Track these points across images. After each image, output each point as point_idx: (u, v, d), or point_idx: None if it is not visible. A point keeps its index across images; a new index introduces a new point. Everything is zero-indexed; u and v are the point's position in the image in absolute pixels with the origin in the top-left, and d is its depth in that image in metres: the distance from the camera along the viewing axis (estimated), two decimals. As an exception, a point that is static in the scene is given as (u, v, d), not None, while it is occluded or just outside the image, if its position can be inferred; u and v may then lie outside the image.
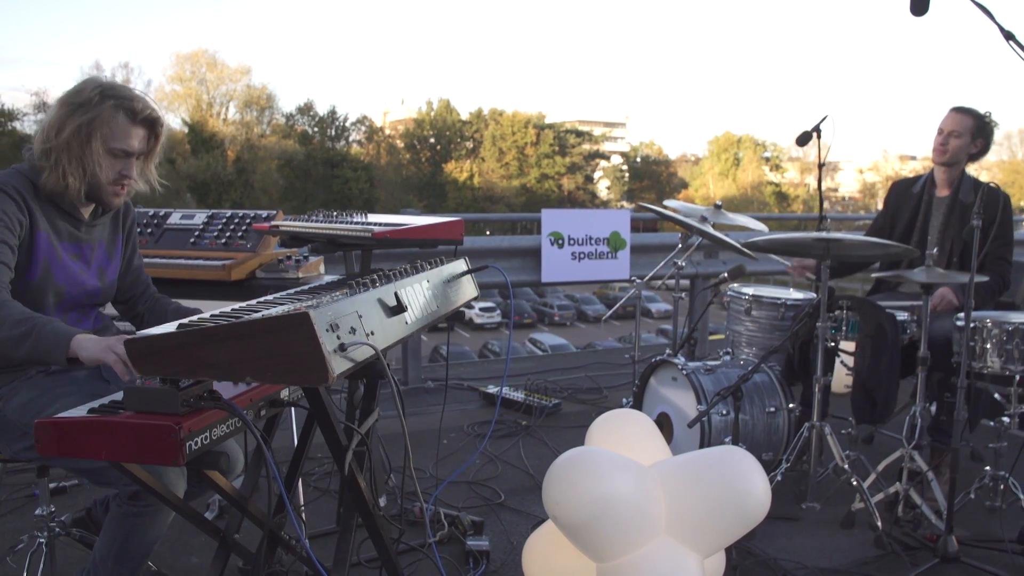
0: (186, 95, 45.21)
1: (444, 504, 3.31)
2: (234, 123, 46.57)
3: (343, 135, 51.69)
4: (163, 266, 3.02)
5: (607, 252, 5.40)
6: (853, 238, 2.97)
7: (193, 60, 45.51)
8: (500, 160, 51.93)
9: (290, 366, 1.43)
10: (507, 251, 5.38)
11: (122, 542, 2.13)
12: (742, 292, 3.77)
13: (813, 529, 3.11)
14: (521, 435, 4.27)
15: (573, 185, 53.07)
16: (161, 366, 1.51)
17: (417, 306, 1.94)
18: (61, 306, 2.20)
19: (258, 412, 1.85)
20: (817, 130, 3.40)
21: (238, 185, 43.06)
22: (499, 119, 53.11)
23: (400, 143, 54.83)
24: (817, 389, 3.10)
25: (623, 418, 2.64)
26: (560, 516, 2.21)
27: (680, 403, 3.43)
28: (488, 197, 49.92)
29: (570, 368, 5.90)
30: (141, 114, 2.14)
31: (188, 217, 3.31)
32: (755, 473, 2.23)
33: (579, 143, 54.96)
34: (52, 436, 1.60)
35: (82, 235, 2.24)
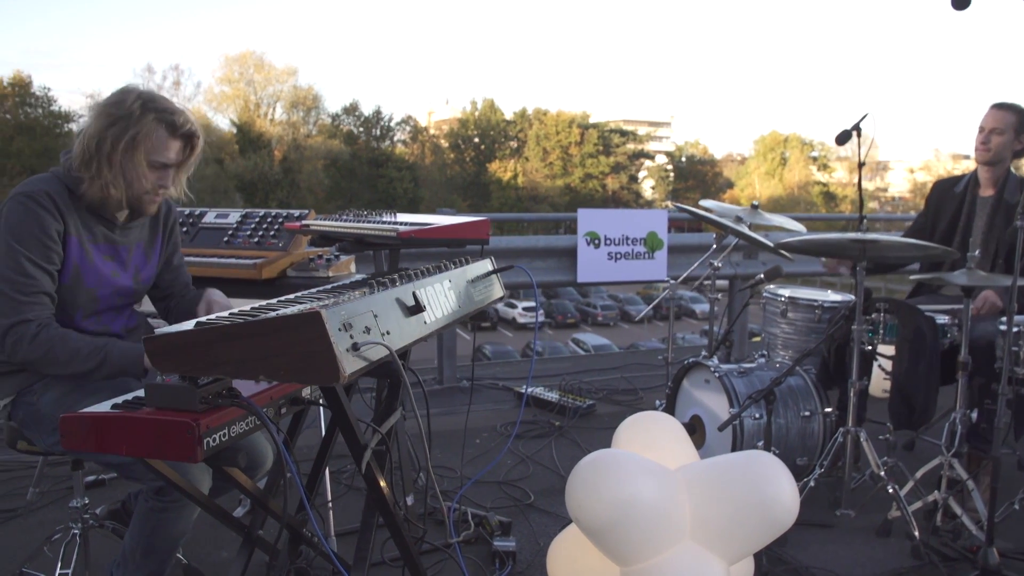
0: (234, 96, 45.98)
1: (473, 504, 3.30)
2: (281, 123, 47.22)
3: (388, 135, 52.08)
4: (197, 264, 3.06)
5: (644, 252, 5.34)
6: (889, 239, 2.89)
7: (241, 62, 46.28)
8: (544, 160, 51.88)
9: (302, 365, 1.44)
10: (543, 251, 5.36)
11: (149, 536, 2.16)
12: (778, 294, 3.70)
13: (847, 537, 3.04)
14: (554, 436, 4.25)
15: (617, 185, 52.79)
16: (178, 363, 1.53)
17: (437, 306, 1.94)
18: (92, 307, 2.24)
19: (278, 410, 1.86)
20: (857, 128, 3.32)
21: (284, 185, 43.63)
22: (543, 119, 53.05)
23: (444, 143, 55.08)
24: (852, 393, 3.03)
25: (650, 421, 2.61)
26: (582, 519, 2.19)
27: (713, 406, 3.38)
28: (532, 197, 49.90)
29: (607, 369, 5.86)
30: (181, 128, 2.17)
31: (223, 216, 3.36)
32: (782, 479, 2.19)
33: (623, 143, 54.63)
34: (76, 430, 1.64)
35: (117, 237, 2.28)
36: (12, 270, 2.02)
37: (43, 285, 2.05)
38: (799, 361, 3.11)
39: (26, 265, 2.02)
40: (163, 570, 2.24)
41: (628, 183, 54.22)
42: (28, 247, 2.03)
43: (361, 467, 1.82)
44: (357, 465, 1.88)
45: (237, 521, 2.15)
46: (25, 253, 2.03)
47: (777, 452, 3.16)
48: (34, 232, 2.05)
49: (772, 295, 3.74)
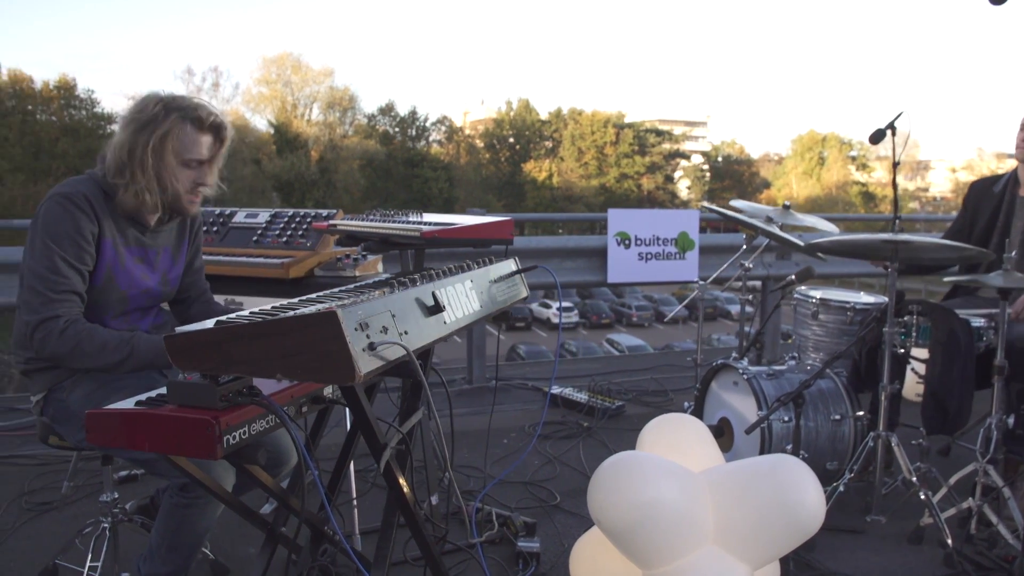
0: (272, 97, 46.53)
1: (499, 504, 3.30)
2: (317, 124, 47.69)
3: (423, 135, 52.35)
4: (226, 264, 3.10)
5: (675, 253, 5.30)
6: (923, 240, 2.83)
7: (279, 63, 46.82)
8: (579, 160, 51.76)
9: (318, 364, 1.44)
10: (573, 251, 5.34)
11: (174, 531, 2.20)
12: (809, 295, 3.65)
13: (877, 544, 2.98)
14: (582, 437, 4.23)
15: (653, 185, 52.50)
16: (197, 361, 1.55)
17: (458, 306, 1.94)
18: (122, 307, 2.28)
19: (299, 408, 1.87)
20: (892, 127, 3.27)
21: (321, 185, 44.04)
22: (578, 118, 52.95)
23: (480, 143, 55.21)
24: (883, 397, 2.97)
25: (675, 423, 2.58)
26: (604, 521, 2.18)
27: (741, 408, 3.34)
28: (567, 197, 49.82)
29: (638, 370, 5.82)
30: (207, 121, 2.20)
31: (252, 216, 3.39)
32: (808, 483, 2.15)
33: (659, 142, 54.32)
34: (102, 426, 1.66)
35: (147, 240, 2.32)
36: (46, 268, 2.06)
37: (74, 284, 2.09)
38: (829, 364, 3.06)
39: (59, 264, 2.06)
40: (188, 564, 2.27)
41: (664, 183, 53.90)
42: (63, 246, 2.07)
43: (380, 466, 1.82)
44: (377, 464, 1.88)
45: (260, 518, 2.16)
46: (60, 252, 2.07)
47: (806, 456, 3.11)
48: (69, 232, 2.09)
49: (803, 296, 3.68)
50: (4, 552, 2.93)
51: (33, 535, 3.05)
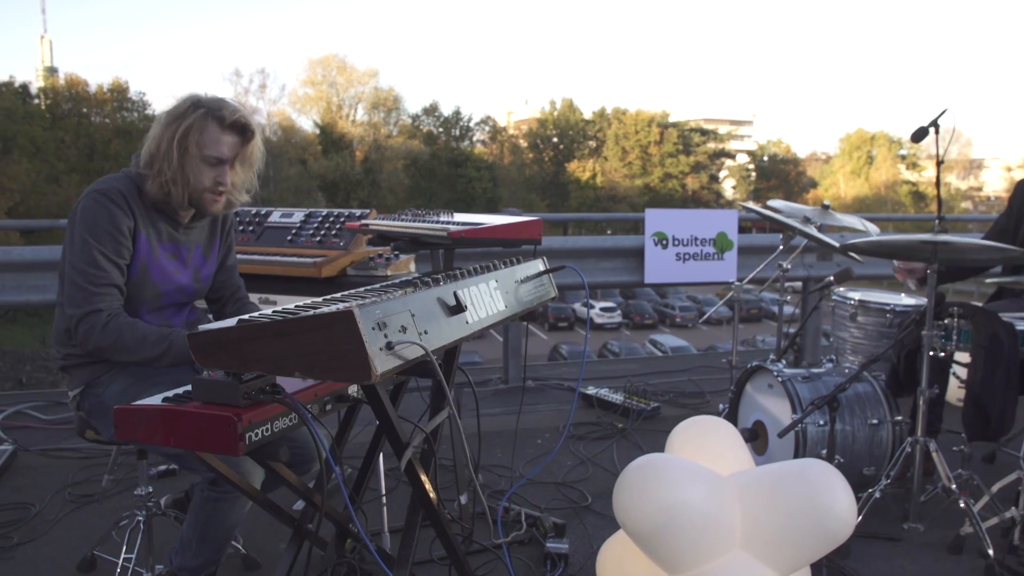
0: (317, 98, 47.14)
1: (529, 505, 3.30)
2: (362, 124, 48.18)
3: (467, 135, 52.57)
4: (261, 263, 3.15)
5: (713, 253, 5.24)
6: (964, 240, 2.75)
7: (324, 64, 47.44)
8: (623, 159, 51.51)
9: (335, 363, 1.45)
10: (610, 251, 5.31)
11: (204, 525, 2.24)
12: (847, 297, 3.58)
13: (915, 552, 2.91)
14: (616, 438, 4.20)
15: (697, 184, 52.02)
16: (220, 359, 1.57)
17: (481, 306, 1.94)
18: (156, 302, 2.33)
19: (323, 407, 1.89)
20: (935, 124, 3.20)
21: (365, 184, 44.48)
22: (622, 118, 52.68)
23: (523, 143, 55.24)
24: (921, 402, 2.90)
25: (705, 425, 2.55)
26: (629, 523, 2.16)
27: (775, 411, 3.29)
28: (611, 196, 49.62)
29: (676, 371, 5.77)
30: (229, 119, 2.23)
31: (287, 216, 3.44)
32: (838, 488, 2.11)
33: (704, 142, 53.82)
34: (129, 422, 1.69)
35: (180, 236, 2.36)
36: (86, 263, 2.12)
37: (113, 277, 2.14)
38: (865, 367, 2.99)
39: (99, 258, 2.12)
40: (217, 558, 2.31)
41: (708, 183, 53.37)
42: (101, 241, 2.13)
43: (401, 465, 1.83)
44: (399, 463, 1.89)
45: (287, 514, 2.19)
46: (98, 247, 2.12)
47: (842, 461, 3.05)
48: (107, 227, 2.14)
49: (841, 298, 3.62)
50: (48, 542, 3.01)
51: (75, 526, 3.13)
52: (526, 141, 55.11)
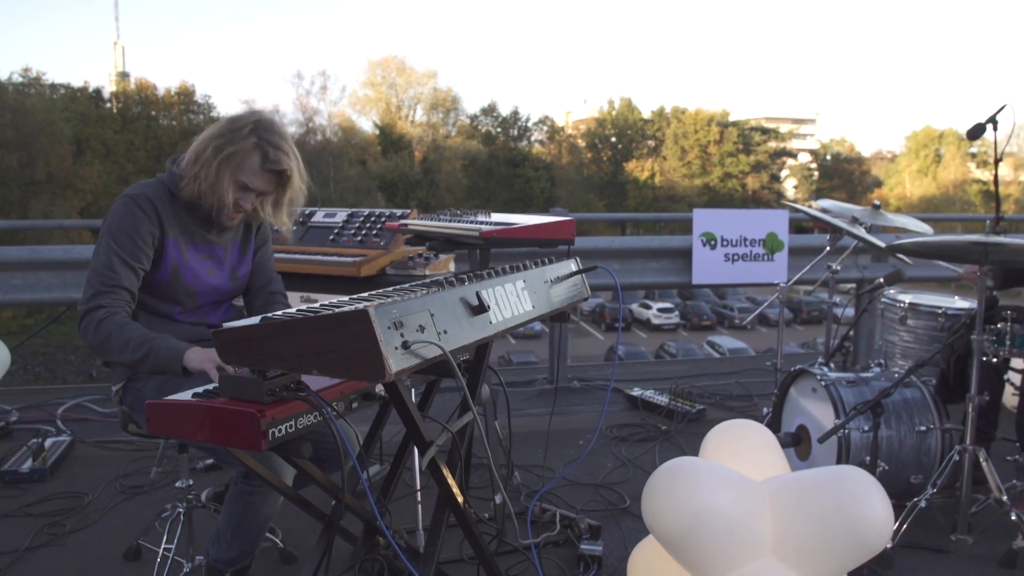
0: (377, 99, 47.70)
1: (566, 506, 3.29)
2: (421, 125, 48.59)
3: (525, 135, 52.62)
4: (303, 262, 3.20)
5: (763, 254, 5.14)
6: (1016, 242, 2.65)
7: (384, 66, 47.96)
8: (682, 159, 50.93)
9: (350, 361, 1.47)
10: (656, 251, 5.26)
11: (238, 518, 2.28)
12: (897, 299, 3.47)
13: (963, 565, 2.81)
14: (659, 440, 4.16)
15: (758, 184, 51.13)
16: (241, 356, 1.60)
17: (506, 306, 1.93)
18: (191, 303, 2.39)
19: (349, 405, 1.91)
20: (993, 121, 3.09)
21: (424, 184, 44.85)
22: (681, 117, 52.09)
23: (582, 142, 55.05)
24: (970, 408, 2.80)
25: (740, 429, 2.51)
26: (657, 527, 2.14)
27: (819, 416, 3.21)
28: (669, 196, 49.10)
29: (725, 373, 5.68)
30: (268, 162, 2.26)
31: (330, 216, 3.49)
32: (873, 497, 2.05)
33: (764, 141, 52.88)
34: (159, 416, 1.74)
35: (213, 237, 2.41)
36: (103, 264, 2.19)
37: (123, 280, 2.20)
38: (912, 371, 2.91)
39: (115, 261, 2.18)
40: (251, 550, 2.35)
41: (769, 182, 52.41)
42: (121, 245, 2.19)
43: (423, 464, 1.84)
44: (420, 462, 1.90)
45: (318, 510, 2.22)
46: (117, 250, 2.19)
47: (886, 468, 2.97)
48: (129, 232, 2.20)
49: (891, 300, 3.52)
50: (98, 530, 3.11)
51: (124, 516, 3.23)
52: (584, 141, 54.90)
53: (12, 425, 4.24)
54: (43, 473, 3.56)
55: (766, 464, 2.38)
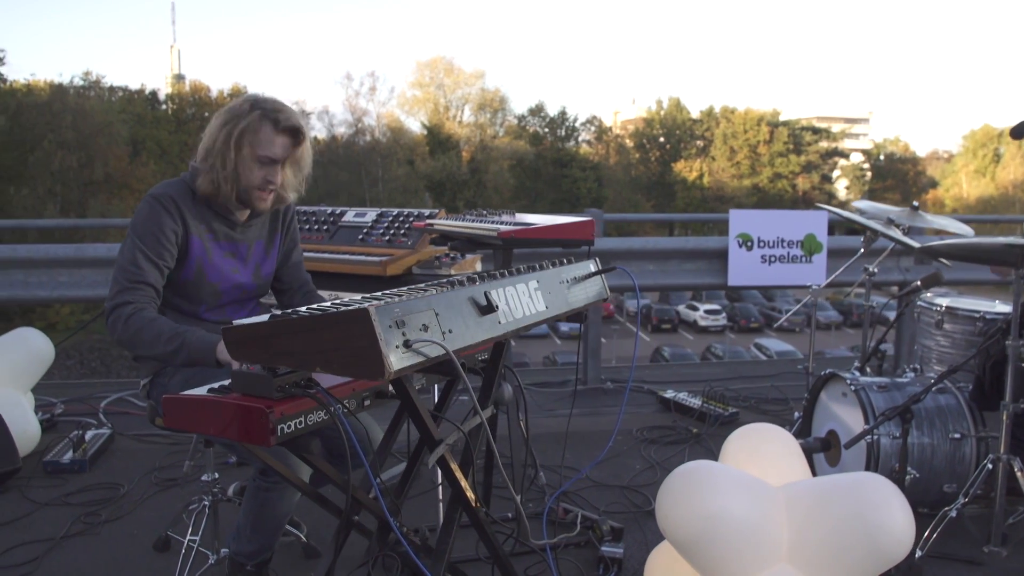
0: (425, 100, 48.01)
1: (591, 507, 3.28)
2: (469, 125, 48.78)
3: (573, 135, 52.50)
4: (331, 261, 3.24)
5: (800, 256, 5.06)
6: (1053, 245, 2.56)
7: (432, 67, 48.26)
8: (731, 159, 50.29)
9: (352, 359, 1.49)
10: (691, 252, 5.21)
11: (256, 513, 2.32)
12: (934, 303, 3.39)
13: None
14: (689, 443, 4.13)
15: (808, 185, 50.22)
16: (250, 353, 1.63)
17: (517, 307, 1.93)
18: (215, 300, 2.44)
19: (361, 403, 1.93)
20: (1039, 119, 2.99)
21: (471, 185, 45.03)
22: (731, 117, 51.43)
23: (630, 142, 54.74)
24: (1005, 416, 2.72)
25: (761, 433, 2.48)
26: (669, 531, 2.12)
27: (849, 421, 3.15)
28: (718, 197, 48.52)
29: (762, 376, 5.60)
30: (284, 123, 2.30)
31: (360, 215, 3.52)
32: (893, 506, 2.01)
33: (816, 140, 51.92)
34: (175, 410, 1.78)
35: (237, 235, 2.46)
36: (128, 261, 2.24)
37: (149, 277, 2.25)
38: (944, 377, 2.83)
39: (139, 257, 2.23)
40: (271, 544, 2.39)
41: (820, 183, 51.44)
42: (145, 242, 2.25)
43: (429, 462, 1.86)
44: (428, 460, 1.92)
45: (334, 505, 2.24)
46: (141, 247, 2.24)
47: (917, 476, 2.90)
48: (152, 230, 2.25)
49: (927, 304, 3.43)
50: (131, 521, 3.20)
51: (157, 507, 3.31)
52: (632, 141, 54.58)
53: (57, 417, 4.38)
54: (82, 464, 3.67)
55: (786, 469, 2.34)
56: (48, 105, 30.97)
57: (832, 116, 62.99)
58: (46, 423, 4.22)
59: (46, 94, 32.67)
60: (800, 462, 2.40)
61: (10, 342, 3.97)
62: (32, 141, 29.66)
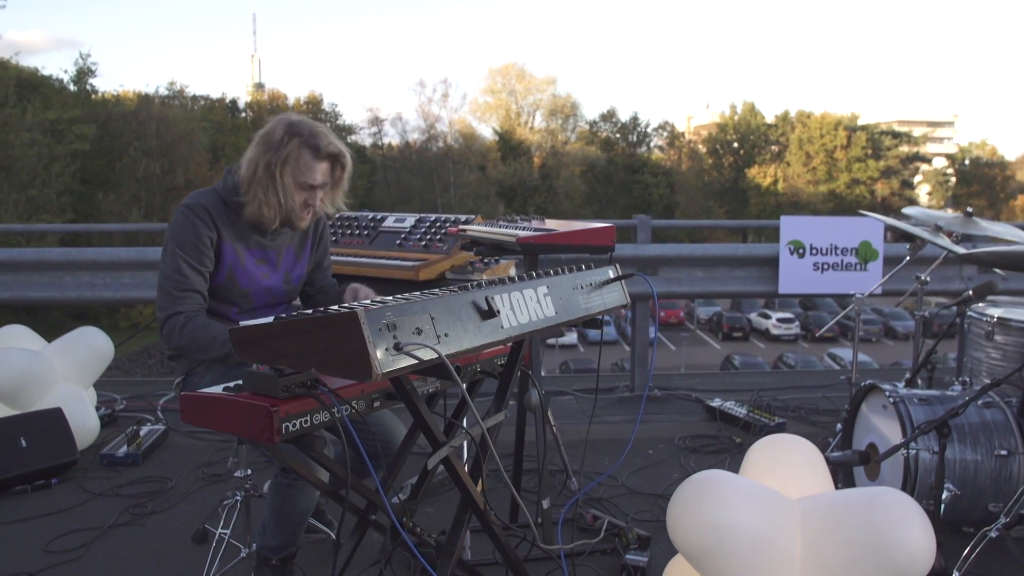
0: (497, 106, 48.37)
1: (621, 514, 3.27)
2: (540, 131, 48.93)
3: (645, 141, 52.13)
4: (367, 265, 3.30)
5: (855, 263, 4.93)
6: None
7: (504, 73, 48.60)
8: (806, 164, 49.13)
9: (342, 360, 1.53)
10: (743, 259, 5.13)
11: (279, 509, 2.40)
12: (985, 313, 3.27)
13: (1036, 600, 2.62)
14: (731, 452, 4.06)
15: (887, 191, 48.68)
16: (255, 353, 1.69)
17: (523, 312, 1.94)
18: (247, 304, 2.53)
19: (370, 404, 1.97)
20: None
21: (542, 190, 45.14)
22: (807, 121, 50.27)
23: (703, 148, 54.06)
24: (1048, 433, 2.61)
25: (783, 444, 2.44)
26: (679, 540, 2.11)
27: (888, 434, 3.06)
28: (792, 203, 47.45)
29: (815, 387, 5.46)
30: (324, 150, 2.38)
31: (400, 221, 3.58)
32: (910, 522, 1.96)
33: (896, 145, 50.30)
34: (191, 407, 1.85)
35: (267, 242, 2.54)
36: (172, 270, 2.34)
37: (194, 284, 2.35)
38: (986, 390, 2.73)
39: (182, 266, 2.34)
40: (293, 540, 2.46)
41: (900, 189, 49.80)
42: (186, 251, 2.35)
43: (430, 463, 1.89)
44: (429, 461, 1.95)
45: (352, 504, 2.29)
46: (182, 256, 2.34)
47: (957, 493, 2.80)
48: (191, 238, 2.35)
49: (978, 314, 3.31)
50: (175, 513, 3.33)
51: (201, 501, 3.44)
52: (705, 146, 53.87)
53: (118, 413, 4.57)
54: (136, 458, 3.83)
55: (806, 481, 2.30)
56: (135, 114, 32.31)
57: (914, 120, 60.94)
58: (107, 418, 4.42)
59: (133, 104, 34.10)
60: (823, 475, 2.35)
61: (73, 341, 4.17)
62: (119, 149, 30.98)
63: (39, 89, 29.65)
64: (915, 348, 3.79)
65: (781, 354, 28.48)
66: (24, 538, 3.11)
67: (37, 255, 5.08)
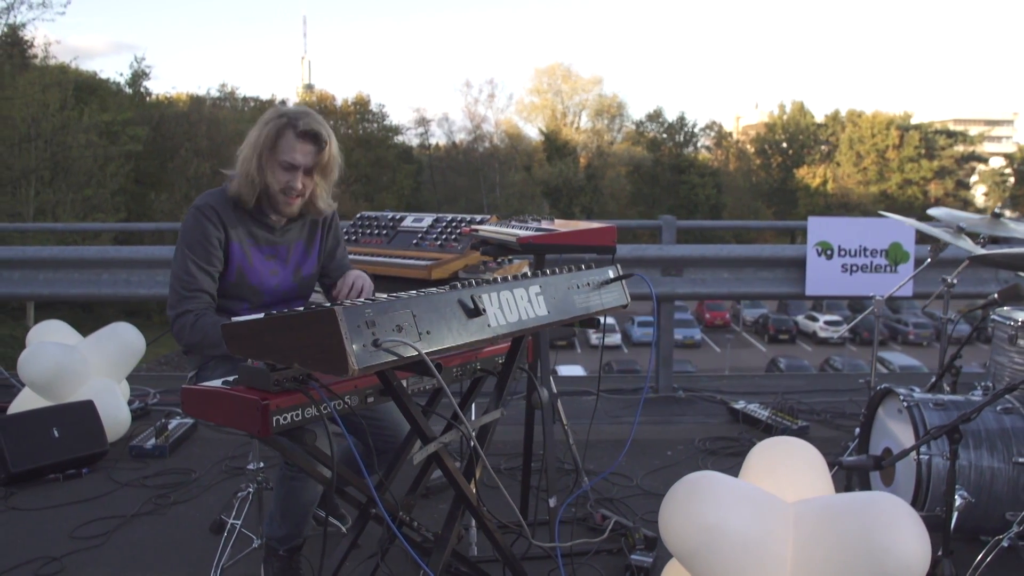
0: (543, 106, 48.38)
1: (632, 514, 3.27)
2: (586, 131, 48.82)
3: (691, 141, 51.66)
4: (383, 264, 3.36)
5: (885, 265, 4.85)
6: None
7: (550, 73, 48.58)
8: (857, 165, 48.17)
9: (321, 356, 1.58)
10: (768, 260, 5.07)
11: (283, 500, 2.46)
12: (1009, 317, 3.19)
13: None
14: (751, 456, 4.03)
15: (942, 191, 47.45)
16: (244, 348, 1.75)
17: (512, 311, 1.96)
18: (257, 300, 2.59)
19: (364, 399, 2.02)
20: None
21: (588, 191, 45.02)
22: (857, 120, 49.30)
23: (751, 148, 53.37)
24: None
25: (783, 447, 2.42)
26: (669, 541, 2.11)
27: (903, 438, 3.01)
28: (842, 204, 46.58)
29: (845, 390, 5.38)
30: (303, 127, 2.43)
31: (418, 220, 3.63)
32: (903, 528, 1.94)
33: (950, 144, 49.02)
34: (191, 400, 1.93)
35: (277, 238, 2.61)
36: (182, 270, 2.42)
37: (202, 284, 2.43)
38: (998, 396, 2.66)
39: (191, 266, 2.41)
40: (299, 531, 2.52)
41: (955, 189, 48.50)
42: (195, 251, 2.42)
43: (416, 459, 1.92)
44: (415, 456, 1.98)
45: (353, 497, 2.35)
46: (192, 256, 2.42)
47: (971, 500, 2.74)
48: (199, 239, 2.43)
49: (1002, 318, 3.23)
50: (197, 504, 3.44)
51: (221, 493, 3.53)
52: (753, 147, 53.17)
53: (150, 406, 4.71)
54: (163, 450, 3.95)
55: (805, 485, 2.28)
56: (186, 116, 33.04)
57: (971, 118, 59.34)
58: (139, 411, 4.55)
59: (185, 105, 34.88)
60: (823, 478, 2.33)
61: (106, 336, 4.30)
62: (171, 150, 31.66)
63: (96, 92, 30.46)
64: (941, 352, 3.71)
65: (828, 357, 28.00)
66: (53, 524, 3.23)
67: (76, 253, 5.26)
